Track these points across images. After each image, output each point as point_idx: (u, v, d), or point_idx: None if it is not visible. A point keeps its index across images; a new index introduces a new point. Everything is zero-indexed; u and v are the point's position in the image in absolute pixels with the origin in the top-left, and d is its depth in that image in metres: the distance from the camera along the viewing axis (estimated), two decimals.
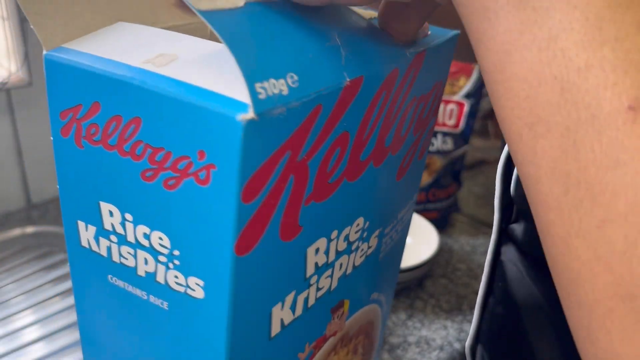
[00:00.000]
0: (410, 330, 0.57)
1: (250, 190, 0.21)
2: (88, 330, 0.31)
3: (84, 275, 0.29)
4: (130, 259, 0.26)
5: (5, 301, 0.57)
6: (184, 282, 0.24)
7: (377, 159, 0.28)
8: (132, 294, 0.26)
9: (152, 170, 0.23)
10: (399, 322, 0.58)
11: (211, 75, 0.21)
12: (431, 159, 0.75)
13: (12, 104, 0.68)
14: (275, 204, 0.22)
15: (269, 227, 0.23)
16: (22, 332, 0.53)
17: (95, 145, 0.24)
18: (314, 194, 0.24)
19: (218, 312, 0.23)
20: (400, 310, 0.60)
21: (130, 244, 0.25)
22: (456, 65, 0.74)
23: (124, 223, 0.25)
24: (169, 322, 0.26)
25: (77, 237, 0.27)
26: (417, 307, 0.61)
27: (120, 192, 0.24)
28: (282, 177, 0.22)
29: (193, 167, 0.21)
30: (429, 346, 0.55)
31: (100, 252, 0.27)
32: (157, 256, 0.24)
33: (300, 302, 0.27)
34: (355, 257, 0.30)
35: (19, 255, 0.63)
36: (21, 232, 0.67)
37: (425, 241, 0.67)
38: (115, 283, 0.27)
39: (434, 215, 0.76)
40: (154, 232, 0.24)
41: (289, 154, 0.21)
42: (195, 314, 0.24)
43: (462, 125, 0.75)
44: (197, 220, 0.22)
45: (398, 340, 0.56)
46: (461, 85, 0.74)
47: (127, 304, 0.27)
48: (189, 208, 0.22)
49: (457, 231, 0.78)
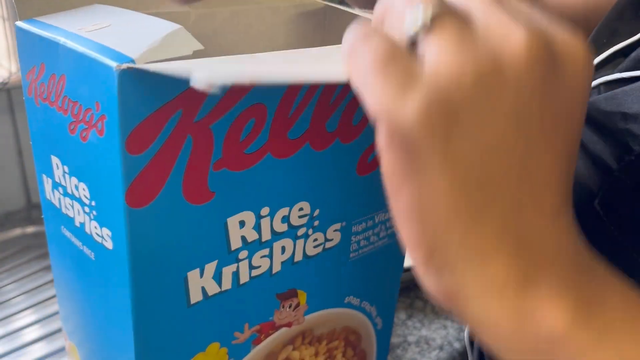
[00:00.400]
0: (410, 329, 0.57)
1: (136, 141, 0.22)
2: (58, 282, 0.34)
3: (50, 227, 0.32)
4: (70, 210, 0.28)
5: (6, 301, 0.57)
6: (100, 232, 0.26)
7: (315, 142, 0.28)
8: (74, 244, 0.29)
9: (74, 124, 0.25)
10: (398, 322, 0.58)
11: (126, 39, 0.23)
12: None
13: (12, 104, 0.68)
14: (172, 161, 0.23)
15: (168, 184, 0.24)
16: (22, 332, 0.53)
17: (45, 102, 0.27)
18: (225, 161, 0.25)
19: (122, 263, 0.25)
20: (400, 309, 0.60)
21: (70, 195, 0.27)
22: None
23: (64, 175, 0.27)
24: (95, 272, 0.28)
25: (44, 190, 0.30)
26: (417, 306, 0.61)
27: (60, 146, 0.27)
28: (175, 135, 0.23)
29: (94, 118, 0.23)
30: (429, 346, 0.55)
31: (55, 203, 0.29)
32: (84, 207, 0.26)
33: (227, 275, 0.28)
34: (305, 245, 0.30)
35: (19, 255, 0.64)
36: (21, 232, 0.67)
37: None
38: (64, 233, 0.29)
39: None
40: (80, 183, 0.26)
41: (180, 112, 0.23)
42: (110, 265, 0.26)
43: None
44: (101, 171, 0.24)
45: (398, 340, 0.56)
46: None
47: (72, 253, 0.30)
48: (95, 158, 0.24)
49: None
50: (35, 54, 0.27)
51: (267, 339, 0.32)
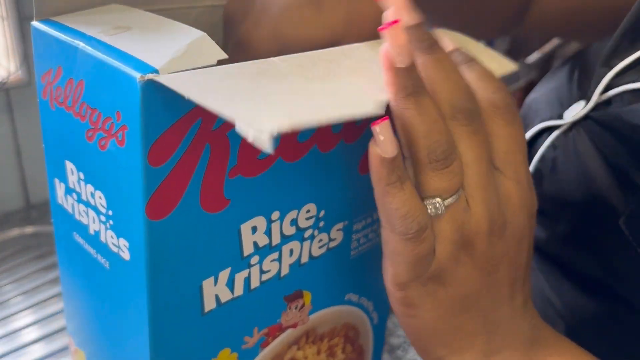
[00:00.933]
0: None
1: (158, 153, 0.22)
2: (67, 288, 0.33)
3: (60, 232, 0.31)
4: (84, 217, 0.27)
5: (5, 301, 0.56)
6: (117, 242, 0.25)
7: (322, 143, 0.27)
8: (87, 251, 0.28)
9: (92, 131, 0.24)
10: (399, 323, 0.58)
11: (148, 46, 0.22)
12: None
13: (11, 104, 0.67)
14: (191, 171, 0.23)
15: (187, 195, 0.23)
16: (21, 332, 0.53)
17: (60, 107, 0.26)
18: (239, 167, 0.25)
19: (139, 274, 0.24)
20: None
21: (84, 202, 0.27)
22: None
23: (79, 181, 0.26)
24: (110, 281, 0.27)
25: (55, 194, 0.30)
26: None
27: (76, 152, 0.26)
28: (195, 144, 0.23)
29: (114, 128, 0.23)
30: None
31: (68, 209, 0.29)
32: (100, 215, 0.26)
33: (239, 281, 0.27)
34: (311, 247, 0.30)
35: (18, 255, 0.63)
36: (20, 233, 0.67)
37: None
38: (77, 240, 0.29)
39: None
40: (97, 192, 0.25)
41: (200, 120, 0.22)
42: (126, 275, 0.25)
43: None
44: (120, 181, 0.23)
45: (398, 341, 0.56)
46: None
47: (84, 261, 0.29)
48: (114, 168, 0.23)
49: None
50: (51, 56, 0.26)
51: (274, 341, 0.32)
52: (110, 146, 0.23)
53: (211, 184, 0.24)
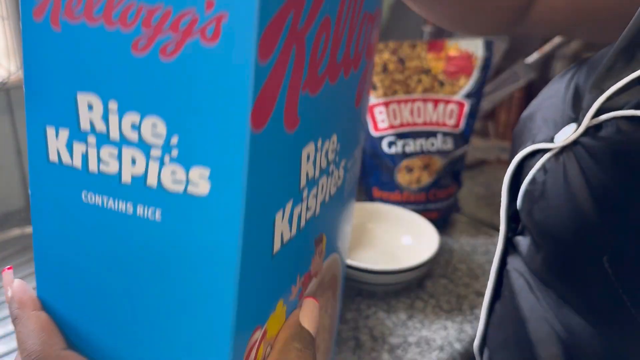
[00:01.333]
0: (410, 330, 0.57)
1: (266, 45, 0.19)
2: (51, 274, 0.26)
3: (50, 200, 0.24)
4: (112, 163, 0.22)
5: (5, 301, 0.56)
6: (184, 176, 0.21)
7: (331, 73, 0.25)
8: (113, 210, 0.23)
9: (145, 39, 0.20)
10: (399, 323, 0.58)
11: None
12: (431, 159, 0.74)
13: (11, 104, 0.67)
14: (283, 72, 0.20)
15: (277, 105, 0.20)
16: None
17: (76, 22, 0.21)
18: (308, 82, 0.22)
19: (227, 208, 0.20)
20: (400, 310, 0.60)
21: (114, 142, 0.22)
22: (456, 65, 0.74)
23: (106, 115, 0.22)
24: (162, 238, 0.22)
25: (43, 151, 0.23)
26: (417, 307, 0.61)
27: (103, 75, 0.21)
28: (288, 42, 0.20)
29: (198, 23, 0.19)
30: (429, 346, 0.55)
31: (73, 163, 0.23)
32: (149, 150, 0.21)
33: (295, 216, 0.24)
34: (331, 183, 0.27)
35: (18, 255, 0.63)
36: (20, 233, 0.67)
37: (426, 241, 0.67)
38: (91, 201, 0.23)
39: (434, 215, 0.76)
40: (146, 119, 0.21)
41: (292, 14, 0.19)
42: (197, 219, 0.21)
43: (463, 125, 0.74)
44: (202, 92, 0.20)
45: (398, 341, 0.56)
46: (461, 85, 0.74)
47: (106, 227, 0.23)
48: (191, 78, 0.20)
49: (458, 231, 0.78)
50: None
51: (305, 292, 0.29)
52: (184, 50, 0.20)
53: (291, 96, 0.21)
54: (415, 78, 0.74)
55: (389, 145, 0.74)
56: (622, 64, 0.33)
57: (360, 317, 0.59)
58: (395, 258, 0.68)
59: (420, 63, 0.74)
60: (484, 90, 0.75)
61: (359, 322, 0.58)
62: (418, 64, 0.74)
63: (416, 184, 0.75)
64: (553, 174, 0.36)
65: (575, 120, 0.36)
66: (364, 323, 0.58)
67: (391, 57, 0.74)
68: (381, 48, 0.74)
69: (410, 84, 0.74)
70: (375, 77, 0.74)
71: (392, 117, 0.74)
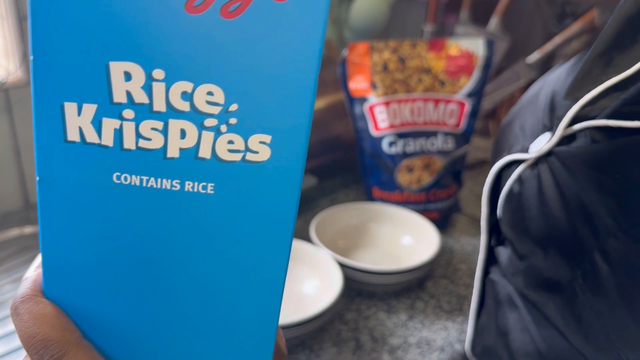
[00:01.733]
0: (410, 331, 0.57)
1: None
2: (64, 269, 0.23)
3: (67, 185, 0.21)
4: (156, 137, 0.20)
5: (4, 301, 0.56)
6: (243, 145, 0.20)
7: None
8: (155, 189, 0.21)
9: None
10: (399, 323, 0.58)
11: None
12: (432, 159, 0.74)
13: (10, 104, 0.67)
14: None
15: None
16: None
17: None
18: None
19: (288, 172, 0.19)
20: (400, 311, 0.60)
21: (159, 114, 0.20)
22: (457, 64, 0.73)
23: (149, 85, 0.19)
24: (217, 211, 0.21)
25: (59, 131, 0.20)
26: (418, 307, 0.61)
27: (146, 41, 0.19)
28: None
29: None
30: (430, 347, 0.55)
31: (101, 141, 0.20)
32: (203, 121, 0.20)
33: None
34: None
35: (17, 255, 0.63)
36: (19, 233, 0.66)
37: (426, 241, 0.66)
38: (125, 182, 0.21)
39: (434, 215, 0.76)
40: (200, 88, 0.19)
41: None
42: (255, 186, 0.20)
43: (463, 125, 0.74)
44: (269, 53, 0.18)
45: (398, 341, 0.55)
46: (462, 85, 0.74)
47: (144, 208, 0.21)
48: (257, 39, 0.18)
49: (458, 231, 0.78)
50: None
51: None
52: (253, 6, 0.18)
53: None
54: (416, 77, 0.74)
55: (389, 145, 0.74)
56: (599, 70, 0.32)
57: (361, 317, 0.59)
58: (395, 258, 0.67)
59: (421, 62, 0.74)
60: (484, 89, 0.75)
61: (359, 323, 0.58)
62: (419, 63, 0.74)
63: (417, 184, 0.75)
64: (528, 185, 0.36)
65: (550, 129, 0.35)
66: (364, 323, 0.58)
67: (392, 56, 0.73)
68: (381, 47, 0.73)
69: (411, 83, 0.74)
70: (375, 76, 0.74)
71: (392, 117, 0.74)
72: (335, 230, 0.69)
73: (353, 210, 0.72)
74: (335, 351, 0.53)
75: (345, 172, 0.88)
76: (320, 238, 0.64)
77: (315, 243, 0.62)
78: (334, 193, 0.85)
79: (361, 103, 0.75)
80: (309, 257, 0.61)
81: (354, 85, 0.75)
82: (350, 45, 0.74)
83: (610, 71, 0.31)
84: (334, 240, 0.67)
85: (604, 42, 0.32)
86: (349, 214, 0.72)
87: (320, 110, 0.80)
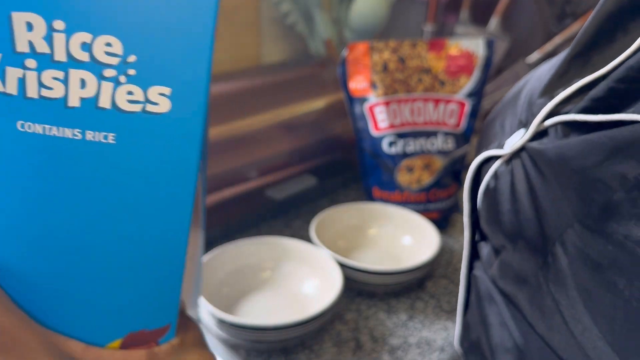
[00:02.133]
0: (410, 331, 0.57)
1: None
2: None
3: None
4: (57, 86, 0.21)
5: None
6: (142, 96, 0.20)
7: None
8: (58, 137, 0.21)
9: None
10: (399, 323, 0.58)
11: None
12: (432, 159, 0.74)
13: None
14: None
15: None
16: None
17: None
18: None
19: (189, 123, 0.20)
20: (400, 311, 0.60)
21: (60, 64, 0.20)
22: (457, 64, 0.73)
23: (50, 36, 0.20)
24: (118, 161, 0.21)
25: None
26: (418, 307, 0.61)
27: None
28: None
29: None
30: (430, 347, 0.55)
31: (6, 89, 0.21)
32: (102, 71, 0.20)
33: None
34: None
35: None
36: None
37: (426, 242, 0.66)
38: (29, 130, 0.21)
39: (434, 215, 0.76)
40: (98, 38, 0.20)
41: None
42: (156, 137, 0.21)
43: (463, 124, 0.74)
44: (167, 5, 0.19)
45: (398, 342, 0.55)
46: (462, 85, 0.74)
47: (48, 159, 0.21)
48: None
49: (458, 231, 0.78)
50: None
51: None
52: None
53: None
54: (416, 77, 0.74)
55: (389, 145, 0.74)
56: (576, 70, 0.32)
57: (361, 317, 0.59)
58: (395, 258, 0.67)
59: (421, 62, 0.74)
60: (484, 89, 0.75)
61: (359, 323, 0.58)
62: (418, 63, 0.74)
63: (417, 184, 0.75)
64: (503, 180, 0.36)
65: (525, 125, 0.36)
66: (364, 324, 0.58)
67: (391, 56, 0.73)
68: (381, 47, 0.73)
69: (411, 83, 0.74)
70: (375, 76, 0.74)
71: (392, 117, 0.74)
72: (335, 230, 0.69)
73: (353, 210, 0.72)
74: (335, 351, 0.53)
75: (345, 172, 0.88)
76: (320, 238, 0.64)
77: (315, 243, 0.62)
78: (334, 193, 0.85)
79: (361, 103, 0.75)
80: (309, 257, 0.61)
81: (353, 85, 0.75)
82: (350, 45, 0.74)
83: (586, 70, 0.31)
84: (334, 240, 0.67)
85: (582, 42, 0.32)
86: (349, 214, 0.72)
87: (320, 110, 0.80)
